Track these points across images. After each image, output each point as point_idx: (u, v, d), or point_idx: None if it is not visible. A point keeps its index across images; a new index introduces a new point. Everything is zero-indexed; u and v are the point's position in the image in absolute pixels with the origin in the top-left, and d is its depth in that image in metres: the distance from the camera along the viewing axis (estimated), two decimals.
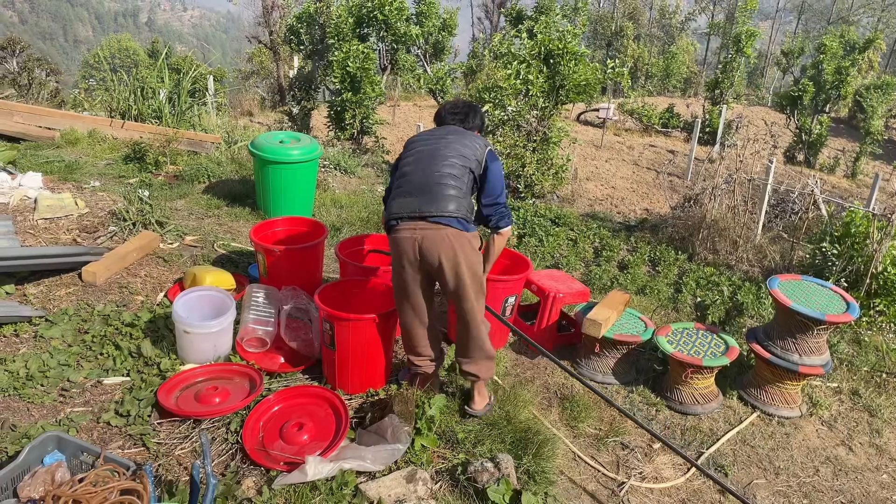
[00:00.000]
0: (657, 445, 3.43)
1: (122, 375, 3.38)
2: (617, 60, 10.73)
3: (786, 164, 15.11)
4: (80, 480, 2.36)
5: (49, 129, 7.51)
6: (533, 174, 8.21)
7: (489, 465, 2.76)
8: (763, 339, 3.87)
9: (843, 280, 5.32)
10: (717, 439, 3.53)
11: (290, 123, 12.93)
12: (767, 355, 3.76)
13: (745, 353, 4.35)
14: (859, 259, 5.29)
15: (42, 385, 3.24)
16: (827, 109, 17.23)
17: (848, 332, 4.93)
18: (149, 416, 3.06)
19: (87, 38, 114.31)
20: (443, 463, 2.94)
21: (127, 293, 4.11)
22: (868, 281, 5.14)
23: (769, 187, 7.08)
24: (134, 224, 4.85)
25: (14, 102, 8.39)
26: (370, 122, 10.87)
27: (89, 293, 4.04)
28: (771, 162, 7.18)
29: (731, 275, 6.03)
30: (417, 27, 14.38)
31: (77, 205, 5.01)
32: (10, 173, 5.39)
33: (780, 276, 3.97)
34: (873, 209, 5.55)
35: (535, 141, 8.36)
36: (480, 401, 3.32)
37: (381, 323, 3.21)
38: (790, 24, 41.36)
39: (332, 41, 11.90)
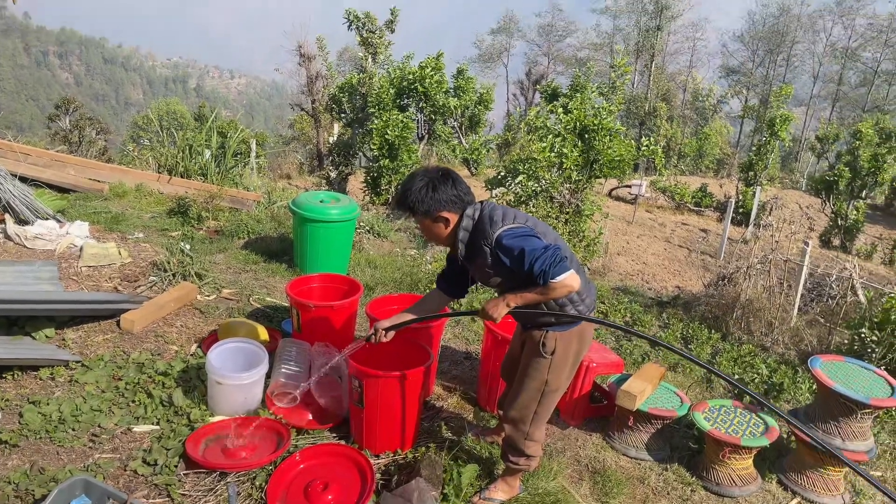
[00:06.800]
0: None
1: (152, 424, 3.38)
2: (651, 139, 10.86)
3: (822, 247, 14.94)
4: None
5: (98, 181, 7.80)
6: None
7: None
8: (804, 422, 3.74)
9: (882, 368, 5.15)
10: None
11: (327, 187, 13.25)
12: (808, 439, 3.62)
13: (786, 435, 4.20)
14: None
15: (73, 429, 3.25)
16: (863, 196, 17.12)
17: (889, 421, 4.74)
18: (175, 465, 3.04)
19: (137, 101, 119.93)
20: None
21: (162, 342, 4.17)
22: None
23: (805, 269, 6.98)
24: (174, 275, 4.95)
25: (68, 155, 8.76)
26: None
27: (126, 341, 4.10)
28: (807, 244, 7.11)
29: (766, 356, 5.89)
30: (455, 99, 14.82)
31: (120, 254, 5.15)
32: (58, 222, 5.59)
33: (822, 356, 3.87)
34: None
35: (567, 213, 8.42)
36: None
37: (411, 381, 3.17)
38: (824, 110, 41.78)
39: (372, 110, 12.30)
